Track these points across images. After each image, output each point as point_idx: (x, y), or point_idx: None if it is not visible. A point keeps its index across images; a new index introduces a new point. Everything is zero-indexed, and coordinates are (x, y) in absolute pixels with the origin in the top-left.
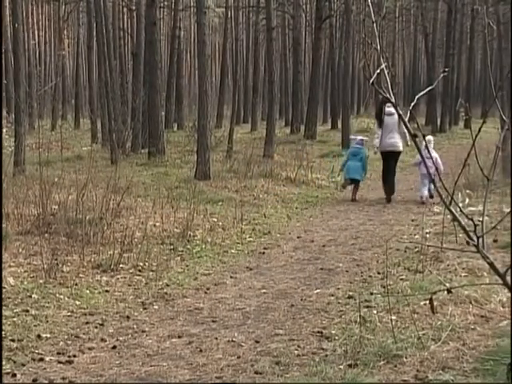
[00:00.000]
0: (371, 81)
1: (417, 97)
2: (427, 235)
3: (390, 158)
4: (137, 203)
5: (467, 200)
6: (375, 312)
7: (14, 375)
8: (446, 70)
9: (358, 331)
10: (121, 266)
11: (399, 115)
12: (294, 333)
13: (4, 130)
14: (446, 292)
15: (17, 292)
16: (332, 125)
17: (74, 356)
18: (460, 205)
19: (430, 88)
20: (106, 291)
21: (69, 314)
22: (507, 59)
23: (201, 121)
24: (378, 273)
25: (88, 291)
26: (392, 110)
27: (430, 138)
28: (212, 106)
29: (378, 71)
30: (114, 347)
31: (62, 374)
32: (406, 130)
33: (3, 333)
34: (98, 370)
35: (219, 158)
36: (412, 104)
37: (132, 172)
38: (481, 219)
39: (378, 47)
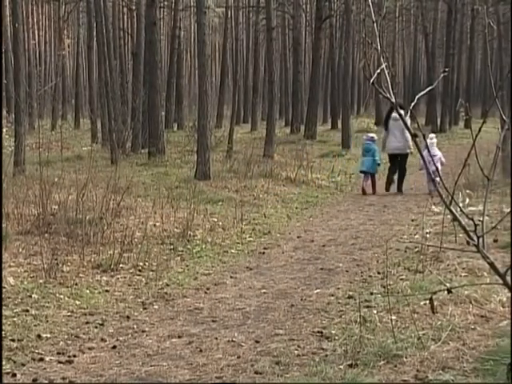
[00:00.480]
0: (371, 81)
1: (417, 97)
2: (427, 235)
3: (395, 160)
4: (137, 203)
5: (467, 200)
6: (375, 312)
7: (14, 375)
8: (446, 69)
9: (357, 331)
10: (121, 265)
11: (400, 115)
12: (294, 333)
13: (4, 130)
14: (446, 292)
15: (17, 292)
16: (332, 125)
17: (74, 356)
18: (460, 205)
19: (430, 88)
20: (106, 291)
21: (69, 313)
22: (507, 59)
23: (201, 121)
24: (378, 273)
25: (88, 291)
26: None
27: (432, 135)
28: (212, 105)
29: (378, 71)
30: (114, 347)
31: (62, 373)
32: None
33: (3, 333)
34: (98, 369)
35: (219, 158)
36: (412, 104)
37: (132, 172)
38: (481, 219)
39: (378, 47)
